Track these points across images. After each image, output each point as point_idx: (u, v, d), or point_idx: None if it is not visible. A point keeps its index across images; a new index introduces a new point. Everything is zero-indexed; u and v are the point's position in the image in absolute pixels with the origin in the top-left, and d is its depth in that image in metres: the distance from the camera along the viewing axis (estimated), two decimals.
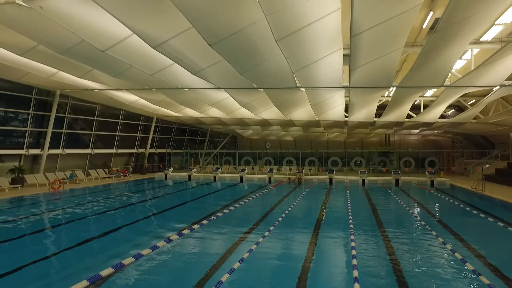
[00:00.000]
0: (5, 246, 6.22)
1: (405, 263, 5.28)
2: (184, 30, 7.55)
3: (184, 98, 15.44)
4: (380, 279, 4.67)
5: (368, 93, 12.46)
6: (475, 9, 6.09)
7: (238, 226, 8.03)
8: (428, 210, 10.32)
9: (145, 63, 10.05)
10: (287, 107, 15.67)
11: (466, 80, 10.35)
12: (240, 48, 8.28)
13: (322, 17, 6.73)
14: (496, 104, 16.43)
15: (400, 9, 6.17)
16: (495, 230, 7.81)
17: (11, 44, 9.28)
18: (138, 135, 22.27)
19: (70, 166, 17.83)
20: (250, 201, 11.83)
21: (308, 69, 9.47)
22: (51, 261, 5.41)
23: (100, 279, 4.36)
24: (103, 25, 7.65)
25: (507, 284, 4.44)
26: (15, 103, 14.31)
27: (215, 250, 6.01)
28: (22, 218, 8.66)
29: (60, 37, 8.36)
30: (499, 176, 16.69)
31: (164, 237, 6.59)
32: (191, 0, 6.02)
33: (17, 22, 7.49)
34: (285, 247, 6.35)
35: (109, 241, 6.66)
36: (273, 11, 6.17)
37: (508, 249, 6.44)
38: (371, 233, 7.28)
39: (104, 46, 8.57)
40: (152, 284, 4.41)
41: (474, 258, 5.52)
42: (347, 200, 11.90)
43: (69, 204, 10.88)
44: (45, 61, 10.63)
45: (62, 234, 7.34)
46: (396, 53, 8.41)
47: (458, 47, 8.19)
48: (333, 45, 8.17)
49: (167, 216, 9.41)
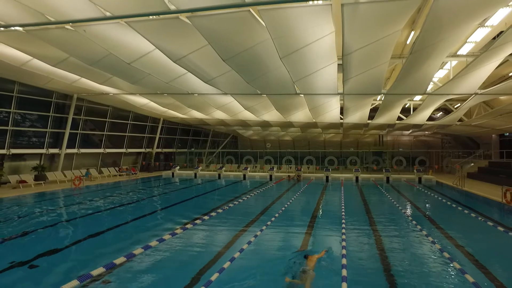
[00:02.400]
0: (62, 226, 7.52)
1: (386, 241, 6.66)
2: (200, 47, 8.85)
3: (192, 102, 16.72)
4: (365, 253, 6.04)
5: (361, 98, 13.86)
6: (442, 35, 7.46)
7: (246, 215, 9.34)
8: (412, 202, 11.78)
9: (162, 72, 11.33)
10: (287, 110, 17.02)
11: (445, 88, 11.77)
12: (248, 62, 9.60)
13: (319, 39, 8.06)
14: (479, 108, 17.88)
15: (382, 34, 7.53)
16: (467, 218, 9.20)
17: (47, 56, 10.53)
18: (145, 136, 23.52)
19: (84, 164, 19.06)
20: (255, 195, 13.19)
21: (307, 79, 10.82)
22: (96, 239, 6.72)
23: (133, 256, 5.53)
24: (132, 42, 8.93)
25: (462, 252, 5.83)
26: (37, 107, 15.53)
27: (227, 236, 7.29)
28: (61, 208, 10.01)
29: (91, 51, 9.62)
30: (481, 174, 18.18)
31: (181, 224, 7.89)
32: (210, 26, 7.34)
33: (61, 41, 8.76)
34: (287, 231, 7.69)
35: (133, 228, 7.95)
36: (278, 36, 7.52)
37: (474, 232, 7.85)
38: (361, 221, 8.65)
39: (130, 59, 9.86)
40: (171, 263, 5.49)
41: (444, 239, 6.92)
42: (341, 194, 13.30)
43: (93, 197, 12.16)
44: (73, 70, 11.87)
45: (93, 222, 8.51)
46: (383, 66, 9.78)
47: (435, 62, 9.57)
48: (329, 59, 9.52)
49: (181, 208, 10.75)
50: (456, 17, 6.51)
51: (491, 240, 7.10)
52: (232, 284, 4.43)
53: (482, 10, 6.55)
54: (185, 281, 4.52)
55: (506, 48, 8.51)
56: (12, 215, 8.88)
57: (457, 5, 5.99)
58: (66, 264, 5.35)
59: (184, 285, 4.38)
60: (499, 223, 8.21)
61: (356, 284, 4.43)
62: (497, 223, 8.18)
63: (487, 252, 6.12)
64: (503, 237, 7.12)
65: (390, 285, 4.50)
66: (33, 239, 6.77)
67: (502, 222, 8.44)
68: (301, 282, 4.43)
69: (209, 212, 9.37)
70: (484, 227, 8.06)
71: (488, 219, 8.67)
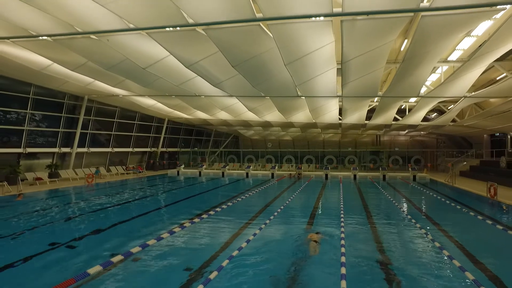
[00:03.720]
0: (88, 216, 8.34)
1: (381, 230, 7.50)
2: (211, 54, 9.66)
3: (199, 103, 17.54)
4: (360, 238, 6.90)
5: (358, 100, 14.73)
6: (430, 46, 8.32)
7: (255, 207, 10.18)
8: (405, 197, 12.66)
9: (173, 76, 12.14)
10: (288, 111, 17.87)
11: (437, 91, 12.67)
12: (255, 68, 10.43)
13: (320, 48, 8.91)
14: (470, 109, 18.80)
15: (377, 44, 8.38)
16: (453, 210, 10.06)
17: (67, 61, 11.32)
18: (151, 135, 24.31)
19: (92, 163, 19.83)
20: (260, 191, 14.03)
21: (308, 83, 11.67)
22: (118, 227, 7.54)
23: (160, 239, 6.44)
24: (148, 49, 9.74)
25: (444, 234, 6.69)
26: (51, 108, 16.30)
27: (240, 224, 8.11)
28: (87, 201, 11.01)
29: (110, 57, 10.43)
30: (473, 172, 19.11)
31: (197, 215, 8.73)
32: (223, 37, 8.17)
33: (84, 48, 9.57)
34: (290, 221, 8.52)
35: (156, 216, 8.79)
36: (284, 46, 8.36)
37: (458, 220, 8.71)
38: (358, 212, 9.50)
39: (145, 64, 10.67)
40: (192, 244, 6.41)
41: (430, 225, 7.78)
42: (340, 191, 14.17)
43: (109, 193, 12.97)
44: (89, 74, 12.66)
45: (111, 214, 9.31)
46: (378, 72, 10.64)
47: (426, 68, 10.43)
48: (329, 65, 10.38)
49: (194, 201, 11.60)
50: (441, 31, 7.36)
51: (472, 227, 8.01)
52: (252, 257, 5.34)
53: (465, 25, 7.40)
54: (207, 256, 5.34)
55: (489, 56, 9.38)
56: (50, 206, 10.05)
57: (442, 22, 6.84)
58: (107, 242, 6.35)
59: (210, 256, 5.20)
60: (481, 213, 9.13)
61: (353, 257, 5.27)
62: (479, 213, 9.13)
63: (467, 236, 7.01)
64: (483, 225, 8.00)
65: (383, 259, 5.35)
66: (76, 223, 7.90)
67: (484, 212, 9.33)
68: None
69: (220, 205, 10.21)
70: (468, 217, 8.94)
71: (471, 210, 9.62)
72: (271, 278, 4.56)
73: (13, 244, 6.19)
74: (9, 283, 4.32)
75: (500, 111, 14.67)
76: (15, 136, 14.89)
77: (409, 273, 4.78)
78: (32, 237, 6.73)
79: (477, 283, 4.21)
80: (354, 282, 4.34)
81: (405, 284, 4.40)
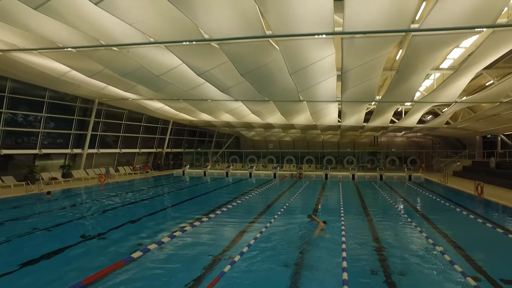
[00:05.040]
0: (110, 213, 9.18)
1: (378, 224, 8.37)
2: (221, 63, 10.49)
3: (205, 106, 18.34)
4: (360, 233, 7.77)
5: (357, 105, 15.60)
6: (422, 58, 9.19)
7: (263, 204, 11.03)
8: (400, 195, 13.57)
9: (184, 82, 12.95)
10: (290, 114, 18.72)
11: (430, 97, 13.56)
12: (261, 76, 11.26)
13: (322, 59, 9.77)
14: (463, 112, 19.74)
15: (374, 56, 9.24)
16: (443, 205, 10.93)
17: (85, 68, 12.11)
18: (156, 136, 25.10)
19: (101, 163, 20.61)
20: (265, 190, 14.89)
21: (310, 89, 12.54)
22: (135, 224, 8.37)
23: (182, 231, 7.29)
24: (163, 59, 10.56)
25: (431, 225, 7.57)
26: (64, 111, 17.07)
27: (252, 217, 8.95)
28: (107, 198, 11.98)
29: (126, 65, 11.22)
30: (465, 172, 20.06)
31: (212, 211, 9.56)
32: (235, 50, 9.00)
33: (105, 58, 10.37)
34: (295, 216, 9.37)
35: (176, 211, 9.62)
36: (289, 58, 9.21)
37: (446, 214, 9.59)
38: (356, 207, 10.37)
39: (159, 72, 11.49)
40: (212, 235, 7.25)
41: (420, 218, 8.67)
42: (339, 189, 15.05)
43: (122, 191, 13.79)
44: (103, 79, 13.44)
45: (138, 209, 10.17)
46: (375, 79, 11.51)
47: (419, 77, 11.30)
48: (329, 73, 11.23)
49: (206, 199, 12.59)
50: (430, 46, 8.24)
51: (456, 220, 9.00)
52: (269, 242, 6.29)
53: (451, 42, 8.28)
54: (227, 241, 6.18)
55: (477, 66, 10.27)
56: (79, 203, 11.17)
57: (430, 39, 7.70)
58: (138, 231, 7.27)
59: (230, 242, 6.03)
60: (467, 208, 10.13)
61: (352, 243, 6.13)
62: (464, 208, 10.14)
63: (450, 226, 7.96)
64: (467, 219, 8.92)
65: (377, 245, 6.22)
66: (110, 216, 9.01)
67: (470, 208, 10.25)
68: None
69: (231, 202, 11.08)
70: (454, 212, 9.88)
71: (458, 205, 10.63)
72: (283, 257, 5.46)
73: (69, 230, 7.36)
74: (74, 260, 5.14)
75: (490, 115, 15.60)
76: (32, 138, 15.66)
77: (399, 255, 5.65)
78: (78, 227, 7.79)
79: (452, 263, 5.10)
80: (353, 261, 5.21)
81: (396, 265, 5.25)
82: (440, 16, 6.45)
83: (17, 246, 6.15)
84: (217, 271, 4.77)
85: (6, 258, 5.38)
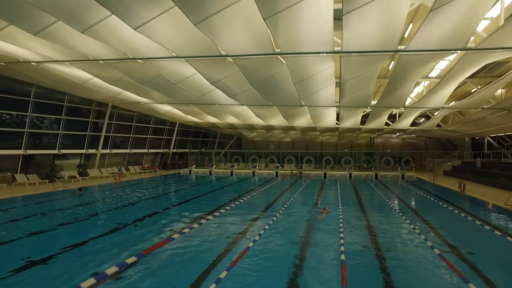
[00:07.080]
0: (131, 207, 10.40)
1: (372, 217, 9.67)
2: (233, 73, 11.76)
3: (212, 110, 19.59)
4: (355, 219, 9.07)
5: (354, 109, 16.93)
6: (410, 71, 10.52)
7: (270, 198, 12.28)
8: (393, 191, 14.90)
9: (197, 89, 14.19)
10: (292, 117, 20.03)
11: (420, 103, 14.92)
12: (268, 84, 12.54)
13: (323, 70, 11.07)
14: (453, 116, 21.15)
15: (368, 69, 10.55)
16: (429, 200, 12.28)
17: (106, 76, 13.31)
18: (163, 137, 26.30)
19: (113, 163, 21.77)
20: (270, 187, 16.16)
21: (311, 96, 13.83)
22: (154, 217, 9.61)
23: (199, 224, 8.55)
24: (181, 70, 11.80)
25: (418, 218, 8.89)
26: (80, 113, 18.23)
27: (261, 210, 10.20)
28: (131, 193, 13.27)
29: (146, 74, 12.45)
30: (454, 172, 21.46)
31: (223, 206, 10.79)
32: (247, 64, 10.26)
33: (128, 69, 11.59)
34: (298, 210, 10.66)
35: (193, 205, 10.86)
36: (294, 70, 10.50)
37: (430, 207, 10.91)
38: (353, 206, 11.67)
39: (175, 80, 12.72)
40: (228, 225, 8.54)
41: (408, 210, 9.99)
42: (337, 187, 16.36)
43: (140, 189, 15.00)
44: (122, 86, 14.64)
45: (145, 206, 11.33)
46: (370, 88, 12.83)
47: (409, 85, 12.65)
48: (329, 82, 12.54)
49: (217, 195, 13.77)
50: (417, 63, 9.56)
51: (438, 211, 10.36)
52: (280, 225, 7.49)
53: (435, 59, 9.61)
54: (246, 225, 7.43)
55: (457, 78, 11.61)
56: (107, 197, 12.47)
57: (416, 58, 9.03)
58: (165, 221, 8.51)
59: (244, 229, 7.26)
60: (449, 202, 11.52)
61: (349, 231, 7.41)
62: (446, 202, 11.57)
63: (432, 214, 9.40)
64: (447, 210, 10.28)
65: (370, 235, 7.51)
66: (141, 207, 10.20)
67: (452, 202, 11.64)
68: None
69: (241, 197, 12.34)
70: (437, 205, 11.26)
71: (441, 200, 12.04)
72: (292, 236, 6.77)
73: (112, 218, 8.72)
74: (125, 239, 6.37)
75: (476, 119, 16.99)
76: (52, 139, 16.81)
77: (387, 236, 6.95)
78: (117, 215, 9.13)
79: (426, 240, 6.40)
80: (349, 240, 6.50)
81: (384, 243, 6.53)
82: (422, 40, 7.77)
83: (82, 228, 7.66)
84: (243, 246, 6.05)
85: (78, 234, 7.03)
